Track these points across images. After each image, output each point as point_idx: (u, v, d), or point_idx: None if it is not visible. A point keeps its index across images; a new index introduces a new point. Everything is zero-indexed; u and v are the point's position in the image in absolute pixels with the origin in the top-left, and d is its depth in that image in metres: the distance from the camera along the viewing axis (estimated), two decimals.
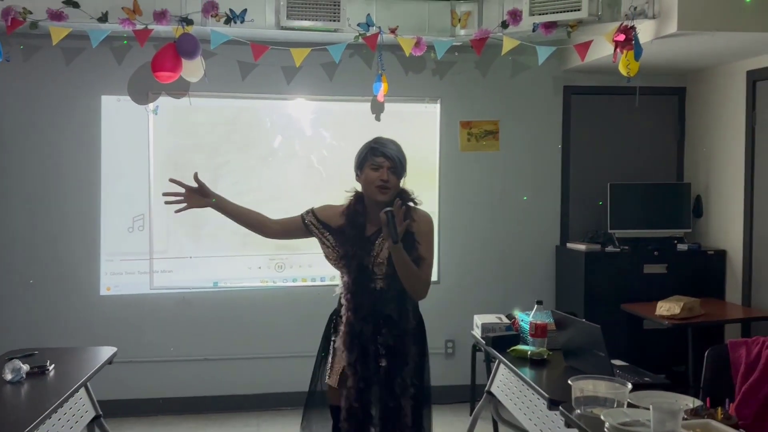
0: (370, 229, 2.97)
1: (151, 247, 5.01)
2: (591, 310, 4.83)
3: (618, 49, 4.10)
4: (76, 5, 4.15)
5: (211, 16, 4.27)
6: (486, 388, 3.97)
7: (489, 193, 5.36)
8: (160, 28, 4.28)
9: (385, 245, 2.88)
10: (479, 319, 3.91)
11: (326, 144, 5.18)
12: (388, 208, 2.76)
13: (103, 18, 4.19)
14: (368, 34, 4.42)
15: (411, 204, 2.95)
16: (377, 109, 5.14)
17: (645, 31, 4.15)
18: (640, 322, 4.88)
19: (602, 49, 4.41)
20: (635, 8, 4.05)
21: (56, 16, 4.15)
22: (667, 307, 4.33)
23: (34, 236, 4.88)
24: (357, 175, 3.02)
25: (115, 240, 4.97)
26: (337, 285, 3.05)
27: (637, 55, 4.06)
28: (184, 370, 5.05)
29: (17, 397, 2.96)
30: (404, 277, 2.85)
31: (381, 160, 2.94)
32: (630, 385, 2.59)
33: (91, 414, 3.47)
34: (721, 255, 5.06)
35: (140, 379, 4.98)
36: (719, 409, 2.44)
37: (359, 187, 3.02)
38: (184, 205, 3.03)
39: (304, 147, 5.13)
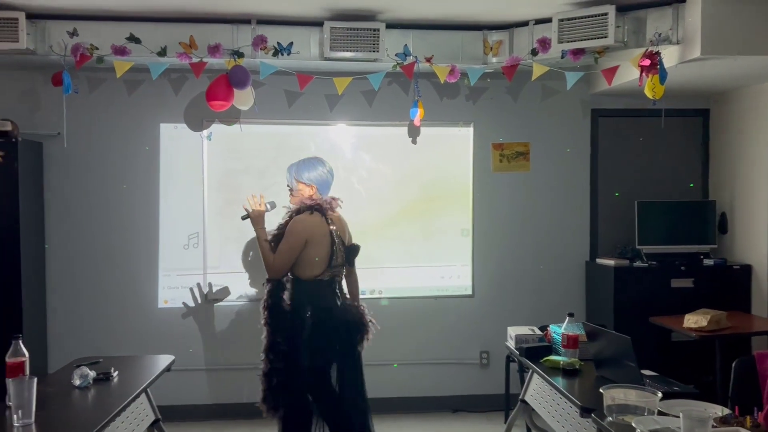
0: None
1: (204, 262, 5.08)
2: (620, 323, 4.76)
3: (644, 74, 4.05)
4: (138, 41, 4.27)
5: (261, 49, 4.36)
6: (520, 397, 3.93)
7: (521, 211, 5.33)
8: (213, 61, 4.38)
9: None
10: (513, 331, 3.89)
11: (366, 166, 5.21)
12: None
13: (162, 52, 4.30)
14: (405, 63, 4.46)
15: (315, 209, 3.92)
16: (414, 133, 5.17)
17: (669, 56, 4.11)
18: (668, 335, 4.79)
19: (628, 73, 4.37)
20: (660, 34, 4.02)
21: (120, 51, 4.27)
22: (695, 320, 4.24)
23: (99, 253, 4.99)
24: None
25: (171, 256, 5.06)
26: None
27: (662, 79, 4.01)
28: (235, 378, 5.08)
29: (85, 401, 3.03)
30: None
31: None
32: (660, 394, 2.56)
33: (151, 418, 3.51)
34: (747, 269, 4.95)
35: (195, 385, 5.05)
36: (748, 417, 2.38)
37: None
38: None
39: (345, 169, 5.17)
